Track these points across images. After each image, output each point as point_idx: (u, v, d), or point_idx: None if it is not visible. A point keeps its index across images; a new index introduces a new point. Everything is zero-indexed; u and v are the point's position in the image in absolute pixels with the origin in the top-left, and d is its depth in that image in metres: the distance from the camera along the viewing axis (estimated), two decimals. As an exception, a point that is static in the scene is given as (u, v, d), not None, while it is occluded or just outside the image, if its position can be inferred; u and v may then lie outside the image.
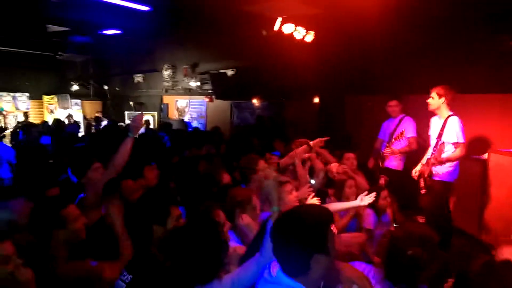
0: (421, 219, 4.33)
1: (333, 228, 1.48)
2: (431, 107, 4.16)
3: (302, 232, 1.43)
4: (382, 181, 4.86)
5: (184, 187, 3.21)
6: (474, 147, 5.06)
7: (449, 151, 4.02)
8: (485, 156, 4.71)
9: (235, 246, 2.31)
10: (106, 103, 12.84)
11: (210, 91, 9.68)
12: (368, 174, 5.17)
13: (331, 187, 4.00)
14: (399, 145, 5.00)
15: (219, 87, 9.04)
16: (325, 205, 3.00)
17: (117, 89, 12.19)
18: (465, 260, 3.21)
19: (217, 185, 3.27)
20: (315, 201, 2.92)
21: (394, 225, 5.15)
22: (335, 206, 3.11)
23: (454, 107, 4.16)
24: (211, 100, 9.86)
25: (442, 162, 4.00)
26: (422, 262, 1.65)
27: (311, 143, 4.03)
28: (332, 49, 6.68)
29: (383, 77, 6.17)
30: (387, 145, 5.05)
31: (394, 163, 5.05)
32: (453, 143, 3.99)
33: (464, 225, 4.77)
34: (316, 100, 8.28)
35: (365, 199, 2.94)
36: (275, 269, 1.49)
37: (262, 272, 1.58)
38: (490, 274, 1.47)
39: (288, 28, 6.30)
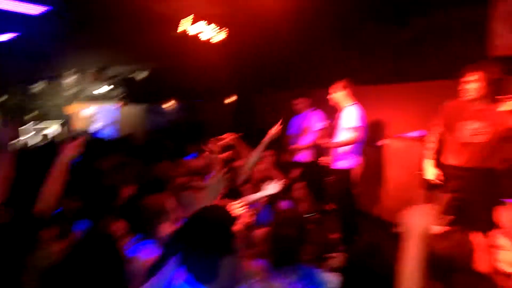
0: (331, 207, 4.54)
1: (238, 226, 1.50)
2: (334, 100, 4.41)
3: (206, 236, 1.43)
4: (295, 173, 5.04)
5: (87, 201, 3.02)
6: (374, 135, 5.44)
7: (345, 136, 4.28)
8: (382, 142, 5.09)
9: (148, 258, 2.21)
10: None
11: (122, 95, 9.28)
12: (283, 169, 5.32)
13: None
14: (305, 140, 5.20)
15: (132, 91, 8.70)
16: (240, 199, 3.01)
17: (15, 99, 11.12)
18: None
19: (119, 198, 3.10)
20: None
21: (307, 215, 5.38)
22: (248, 198, 3.12)
23: (355, 99, 4.44)
24: (124, 105, 9.45)
25: (334, 147, 4.26)
26: (296, 241, 1.88)
27: (223, 142, 4.01)
28: (244, 48, 6.74)
29: (292, 74, 6.38)
30: (295, 140, 5.24)
31: (303, 156, 5.25)
32: (350, 128, 4.25)
33: (370, 208, 5.12)
34: (231, 99, 8.35)
35: (275, 186, 3.01)
36: (182, 277, 1.45)
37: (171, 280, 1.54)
38: (370, 252, 1.57)
39: (197, 28, 6.22)
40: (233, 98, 8.01)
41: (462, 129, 3.28)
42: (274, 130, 3.49)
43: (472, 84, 3.18)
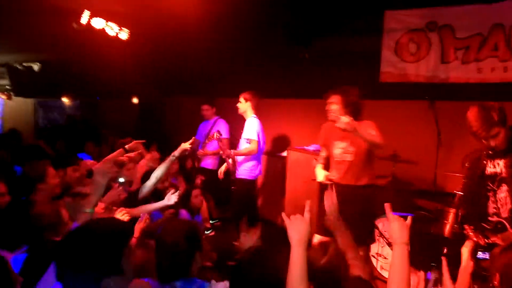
0: (232, 214, 4.61)
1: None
2: (240, 111, 4.53)
3: (91, 252, 1.27)
4: (198, 181, 5.02)
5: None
6: (277, 146, 5.69)
7: (244, 147, 4.42)
8: (285, 153, 5.35)
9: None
10: None
11: (7, 87, 8.27)
12: (186, 175, 5.27)
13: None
14: (212, 146, 5.23)
15: (20, 83, 7.82)
16: (133, 209, 2.89)
17: None
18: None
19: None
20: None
21: (211, 222, 5.40)
22: (143, 208, 3.03)
23: (260, 111, 4.60)
24: (8, 98, 8.43)
25: (231, 156, 4.38)
26: (185, 252, 1.78)
27: (127, 146, 3.83)
28: (151, 50, 6.53)
29: (200, 80, 6.36)
30: (202, 146, 5.24)
31: (209, 162, 5.27)
32: (247, 139, 4.39)
33: (273, 216, 5.31)
34: (135, 100, 8.01)
35: (172, 198, 2.98)
36: None
37: None
38: (254, 261, 1.62)
39: (98, 23, 5.84)
40: (139, 99, 7.70)
41: (334, 148, 3.55)
42: (187, 145, 3.43)
43: (333, 106, 3.44)
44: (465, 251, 2.30)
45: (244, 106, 4.47)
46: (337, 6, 5.12)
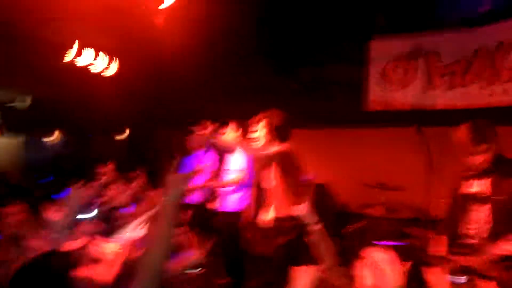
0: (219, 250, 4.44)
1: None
2: (224, 141, 4.44)
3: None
4: (186, 216, 4.87)
5: None
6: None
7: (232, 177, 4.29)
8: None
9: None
10: None
11: (-4, 124, 8.23)
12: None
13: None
14: (198, 180, 5.11)
15: (7, 120, 7.78)
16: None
17: None
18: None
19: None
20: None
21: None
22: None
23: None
24: (1, 133, 8.37)
25: (220, 187, 4.27)
26: None
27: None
28: (139, 83, 6.55)
29: (186, 112, 6.35)
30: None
31: (195, 197, 5.13)
32: (237, 170, 4.28)
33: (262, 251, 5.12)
34: (125, 134, 7.98)
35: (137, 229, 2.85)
36: None
37: None
38: None
39: (85, 60, 5.87)
40: (126, 133, 7.65)
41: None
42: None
43: (260, 132, 3.22)
44: (433, 278, 2.18)
45: (232, 136, 4.40)
46: (321, 37, 5.17)
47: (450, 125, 4.46)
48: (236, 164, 4.31)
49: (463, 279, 2.28)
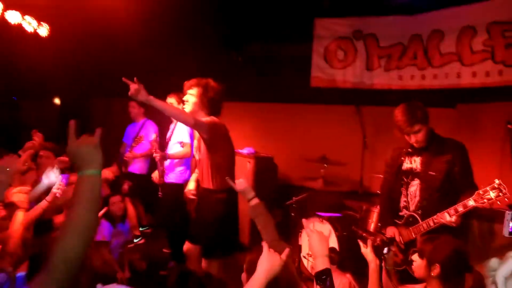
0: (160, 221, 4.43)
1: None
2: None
3: None
4: (125, 186, 4.76)
5: None
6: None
7: (176, 150, 4.25)
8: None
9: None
10: None
11: None
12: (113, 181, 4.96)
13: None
14: (140, 149, 5.00)
15: None
16: None
17: None
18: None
19: None
20: None
21: (141, 229, 5.16)
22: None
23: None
24: None
25: (164, 159, 4.19)
26: None
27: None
28: (75, 46, 6.11)
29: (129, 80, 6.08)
30: (129, 149, 4.98)
31: (137, 167, 5.03)
32: (180, 142, 4.24)
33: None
34: (57, 101, 7.47)
35: (50, 175, 2.82)
36: None
37: None
38: None
39: (13, 17, 5.33)
40: (61, 100, 7.18)
41: None
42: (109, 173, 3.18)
43: (190, 98, 3.21)
44: (367, 251, 2.36)
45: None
46: (270, 13, 5.17)
47: (385, 105, 4.81)
48: (180, 136, 4.26)
49: (385, 250, 2.47)
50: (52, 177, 2.82)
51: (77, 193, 1.21)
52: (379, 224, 3.24)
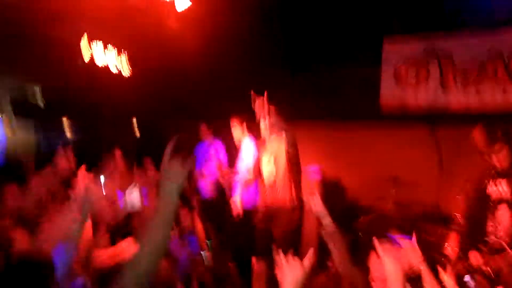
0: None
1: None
2: (235, 134, 4.52)
3: None
4: (194, 202, 4.91)
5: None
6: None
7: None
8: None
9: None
10: None
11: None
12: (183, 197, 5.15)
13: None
14: (210, 169, 5.15)
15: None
16: None
17: None
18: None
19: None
20: None
21: (207, 241, 5.25)
22: None
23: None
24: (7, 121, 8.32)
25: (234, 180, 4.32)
26: None
27: None
28: (148, 76, 6.55)
29: (199, 102, 6.38)
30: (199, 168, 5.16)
31: (206, 185, 5.19)
32: (250, 163, 4.31)
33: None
34: (134, 122, 8.04)
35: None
36: None
37: None
38: None
39: (102, 59, 5.85)
40: (135, 121, 7.72)
41: None
42: None
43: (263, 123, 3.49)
44: (446, 278, 2.15)
45: (238, 130, 4.47)
46: (336, 36, 5.18)
47: (463, 124, 4.52)
48: (248, 158, 4.33)
49: (472, 279, 2.29)
50: (135, 199, 2.90)
51: (156, 207, 1.26)
52: (456, 248, 3.02)
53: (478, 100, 4.58)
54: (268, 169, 3.54)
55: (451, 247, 3.05)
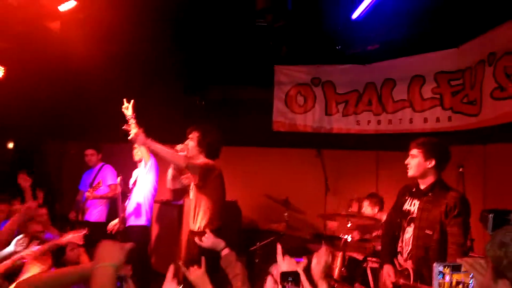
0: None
1: None
2: (137, 157, 4.33)
3: None
4: (81, 234, 4.51)
5: None
6: (174, 194, 5.46)
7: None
8: (181, 201, 5.15)
9: None
10: None
11: None
12: (70, 226, 4.70)
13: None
14: (98, 195, 4.80)
15: None
16: None
17: None
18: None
19: None
20: None
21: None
22: None
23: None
24: None
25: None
26: None
27: None
28: (30, 89, 5.91)
29: (85, 124, 5.95)
30: (87, 193, 4.73)
31: (95, 215, 4.80)
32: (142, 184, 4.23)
33: (166, 269, 4.96)
34: (10, 146, 7.12)
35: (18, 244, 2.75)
36: None
37: None
38: None
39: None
40: (14, 143, 6.85)
41: None
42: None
43: (190, 142, 3.38)
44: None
45: (141, 150, 4.30)
46: (232, 58, 5.30)
47: (345, 148, 4.94)
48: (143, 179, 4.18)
49: None
50: (18, 247, 2.69)
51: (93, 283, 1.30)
52: (343, 269, 3.21)
53: (357, 126, 5.09)
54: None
55: (337, 268, 3.24)
